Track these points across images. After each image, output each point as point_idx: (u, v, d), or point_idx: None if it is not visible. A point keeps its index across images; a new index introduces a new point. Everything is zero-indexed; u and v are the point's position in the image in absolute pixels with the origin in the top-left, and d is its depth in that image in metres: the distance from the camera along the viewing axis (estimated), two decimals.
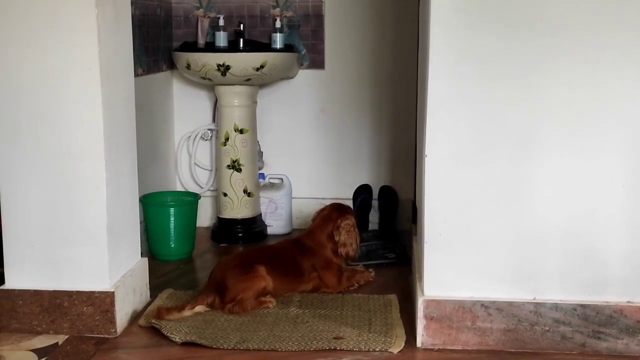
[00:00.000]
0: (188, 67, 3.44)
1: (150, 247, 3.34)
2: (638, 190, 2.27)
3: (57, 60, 2.34)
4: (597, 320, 2.30)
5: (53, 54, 2.34)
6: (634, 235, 2.28)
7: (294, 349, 2.34)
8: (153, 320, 2.51)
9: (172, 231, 3.29)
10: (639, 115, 2.23)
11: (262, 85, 3.65)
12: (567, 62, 2.22)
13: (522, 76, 2.24)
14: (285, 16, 3.63)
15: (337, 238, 2.88)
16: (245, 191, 3.58)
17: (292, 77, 3.72)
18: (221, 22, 3.52)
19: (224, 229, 3.61)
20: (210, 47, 3.53)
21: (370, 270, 3.06)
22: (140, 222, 2.84)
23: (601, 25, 2.20)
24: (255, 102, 3.61)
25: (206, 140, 3.83)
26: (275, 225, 3.71)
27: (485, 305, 2.34)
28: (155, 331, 2.48)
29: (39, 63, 2.35)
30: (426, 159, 2.31)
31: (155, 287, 2.86)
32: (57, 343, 2.41)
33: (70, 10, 2.31)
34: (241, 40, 3.52)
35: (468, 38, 2.23)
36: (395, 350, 2.34)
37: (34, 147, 2.39)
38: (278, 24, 3.54)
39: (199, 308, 2.60)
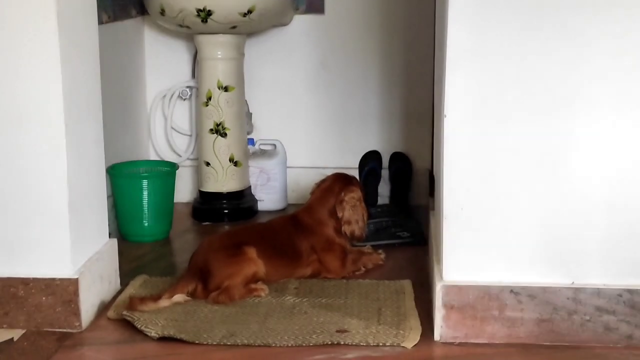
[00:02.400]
0: (162, 12, 3.43)
1: (120, 226, 3.35)
2: None
3: (7, 7, 2.33)
4: None
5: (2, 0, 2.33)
6: None
7: (290, 344, 2.36)
8: (124, 312, 2.53)
9: (145, 207, 3.30)
10: None
11: (251, 34, 3.64)
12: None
13: (559, 20, 2.23)
14: None
15: (340, 214, 2.89)
16: (231, 160, 3.58)
17: (286, 24, 3.70)
18: None
19: (207, 204, 3.62)
20: None
21: (380, 251, 3.08)
22: (108, 197, 2.85)
23: None
24: (243, 54, 3.61)
25: (184, 99, 3.83)
26: (268, 199, 3.72)
27: (515, 291, 2.35)
28: (127, 324, 2.49)
29: None
30: (445, 119, 2.31)
31: (126, 273, 2.87)
32: (12, 339, 2.43)
33: None
34: None
35: None
36: (409, 344, 2.36)
37: None
38: None
39: (178, 297, 2.61)
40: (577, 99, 2.27)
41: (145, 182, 3.31)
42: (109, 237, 2.78)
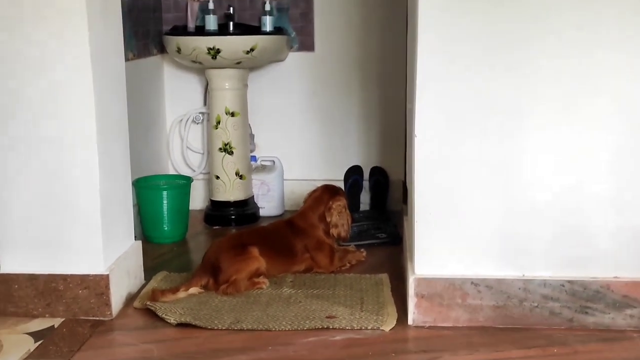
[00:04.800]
0: (178, 50, 3.43)
1: (144, 230, 3.35)
2: (625, 165, 2.28)
3: (47, 45, 2.33)
4: (585, 295, 2.33)
5: (43, 39, 2.33)
6: (620, 211, 2.30)
7: (287, 329, 2.36)
8: (148, 302, 2.52)
9: (165, 214, 3.30)
10: (627, 89, 2.23)
11: (253, 68, 3.64)
12: (555, 38, 2.22)
13: (510, 52, 2.24)
14: None
15: (328, 219, 2.89)
16: (237, 174, 3.58)
17: (282, 60, 3.71)
18: (211, 6, 3.50)
19: (217, 211, 3.61)
20: (201, 31, 3.51)
21: (362, 250, 3.08)
22: (134, 206, 2.84)
23: None
24: (246, 85, 3.61)
25: (198, 123, 3.83)
26: (268, 207, 3.72)
27: (475, 282, 2.36)
28: (150, 313, 2.49)
29: (29, 49, 2.33)
30: (416, 139, 2.32)
31: (149, 270, 2.87)
32: (53, 326, 2.42)
33: None
34: (231, 23, 3.50)
35: (455, 18, 2.23)
36: (387, 328, 2.37)
37: (27, 133, 2.39)
38: (267, 7, 3.53)
39: (193, 289, 2.61)
40: (525, 115, 2.27)
41: (165, 193, 3.30)
42: (135, 239, 2.77)
